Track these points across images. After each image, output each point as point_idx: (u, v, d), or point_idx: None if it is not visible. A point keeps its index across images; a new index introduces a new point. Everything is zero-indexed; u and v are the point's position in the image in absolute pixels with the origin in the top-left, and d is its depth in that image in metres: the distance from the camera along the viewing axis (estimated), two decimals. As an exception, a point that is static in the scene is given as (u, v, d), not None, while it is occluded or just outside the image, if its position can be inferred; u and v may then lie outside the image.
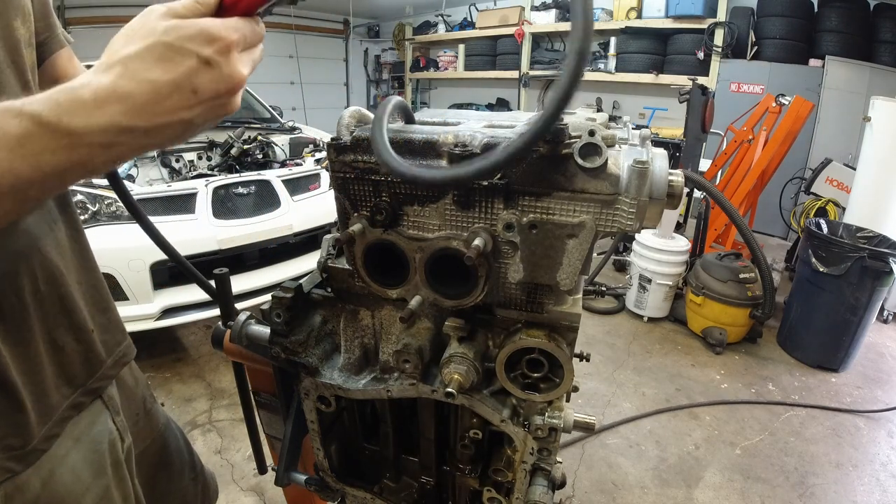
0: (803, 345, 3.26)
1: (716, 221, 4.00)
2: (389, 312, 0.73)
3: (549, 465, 0.74)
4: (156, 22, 0.45)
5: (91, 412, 0.80)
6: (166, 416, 1.07)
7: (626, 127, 0.77)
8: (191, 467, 1.10)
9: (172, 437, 1.06)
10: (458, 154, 0.56)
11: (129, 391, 0.92)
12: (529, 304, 0.65)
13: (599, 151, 0.53)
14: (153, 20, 0.46)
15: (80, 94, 0.42)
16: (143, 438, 0.94)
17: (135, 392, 0.95)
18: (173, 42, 0.44)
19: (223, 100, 0.48)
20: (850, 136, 4.80)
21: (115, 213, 2.52)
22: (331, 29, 9.72)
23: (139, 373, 1.00)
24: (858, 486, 2.27)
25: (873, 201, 3.70)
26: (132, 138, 0.45)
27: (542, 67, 7.30)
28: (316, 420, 0.83)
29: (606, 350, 3.31)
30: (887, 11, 4.84)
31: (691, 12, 5.53)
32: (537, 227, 0.59)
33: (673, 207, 0.56)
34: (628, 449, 2.45)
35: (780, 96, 3.67)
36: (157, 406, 1.04)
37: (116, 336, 0.89)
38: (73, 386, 0.76)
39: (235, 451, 2.37)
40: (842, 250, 2.91)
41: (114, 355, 0.86)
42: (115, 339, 0.89)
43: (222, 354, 0.90)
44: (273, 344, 0.74)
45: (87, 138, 0.42)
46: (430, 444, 0.83)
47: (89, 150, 0.43)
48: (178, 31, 0.45)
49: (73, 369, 0.76)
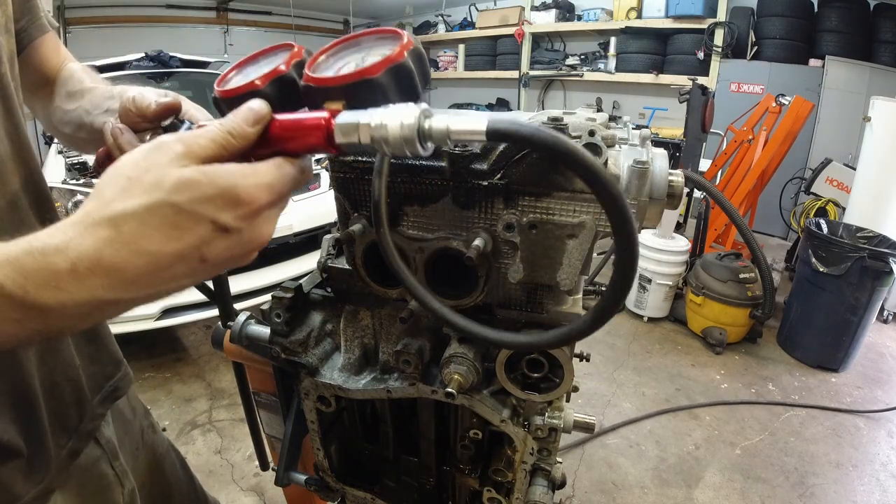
0: (803, 345, 3.26)
1: (716, 221, 4.00)
2: (389, 312, 0.73)
3: (549, 465, 0.74)
4: (166, 169, 0.35)
5: (87, 457, 0.73)
6: (167, 445, 1.01)
7: (626, 127, 0.76)
8: (193, 499, 1.06)
9: (170, 465, 1.00)
10: (458, 154, 0.56)
11: (126, 424, 0.87)
12: (529, 304, 0.65)
13: (599, 151, 0.53)
14: (164, 163, 0.35)
15: (53, 263, 0.33)
16: (141, 472, 0.89)
17: (132, 424, 0.90)
18: (185, 205, 0.34)
19: (237, 262, 0.40)
20: (850, 136, 4.80)
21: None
22: (331, 29, 9.71)
23: (137, 402, 0.94)
24: (858, 486, 2.27)
25: (873, 201, 3.70)
26: (116, 308, 0.37)
27: (542, 67, 7.30)
28: (316, 420, 0.83)
29: (606, 350, 3.31)
30: (887, 11, 4.84)
31: (691, 12, 5.53)
32: (537, 227, 0.59)
33: (673, 207, 0.56)
34: (628, 449, 2.45)
35: (780, 96, 3.67)
36: (157, 436, 0.98)
37: (106, 368, 0.81)
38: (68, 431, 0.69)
39: (235, 451, 2.36)
40: (842, 250, 2.91)
41: (103, 391, 0.79)
42: (105, 371, 0.80)
43: (222, 354, 0.90)
44: (273, 344, 0.74)
45: (59, 312, 0.34)
46: (430, 445, 0.83)
47: (60, 322, 0.35)
48: (194, 190, 0.34)
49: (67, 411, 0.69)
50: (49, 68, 0.77)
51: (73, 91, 0.74)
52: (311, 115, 0.44)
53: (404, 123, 0.40)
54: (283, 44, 0.56)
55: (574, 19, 6.91)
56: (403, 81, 0.47)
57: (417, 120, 0.40)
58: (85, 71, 0.78)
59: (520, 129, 0.37)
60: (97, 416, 0.76)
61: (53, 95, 0.76)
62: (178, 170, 0.35)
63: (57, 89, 0.77)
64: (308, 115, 0.44)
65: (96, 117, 0.68)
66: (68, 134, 0.75)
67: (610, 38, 6.51)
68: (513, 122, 0.38)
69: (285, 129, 0.43)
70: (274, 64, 0.52)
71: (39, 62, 0.75)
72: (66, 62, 0.79)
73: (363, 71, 0.45)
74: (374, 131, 0.41)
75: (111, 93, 0.70)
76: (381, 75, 0.45)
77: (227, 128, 0.38)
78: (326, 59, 0.51)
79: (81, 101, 0.72)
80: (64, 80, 0.77)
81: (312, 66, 0.50)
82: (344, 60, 0.51)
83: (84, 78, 0.76)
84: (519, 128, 0.37)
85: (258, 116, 0.40)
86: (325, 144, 0.42)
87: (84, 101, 0.72)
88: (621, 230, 0.38)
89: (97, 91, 0.73)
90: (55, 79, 0.78)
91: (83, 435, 0.73)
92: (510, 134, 0.38)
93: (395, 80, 0.46)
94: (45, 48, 0.75)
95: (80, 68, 0.79)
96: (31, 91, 0.76)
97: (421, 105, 0.41)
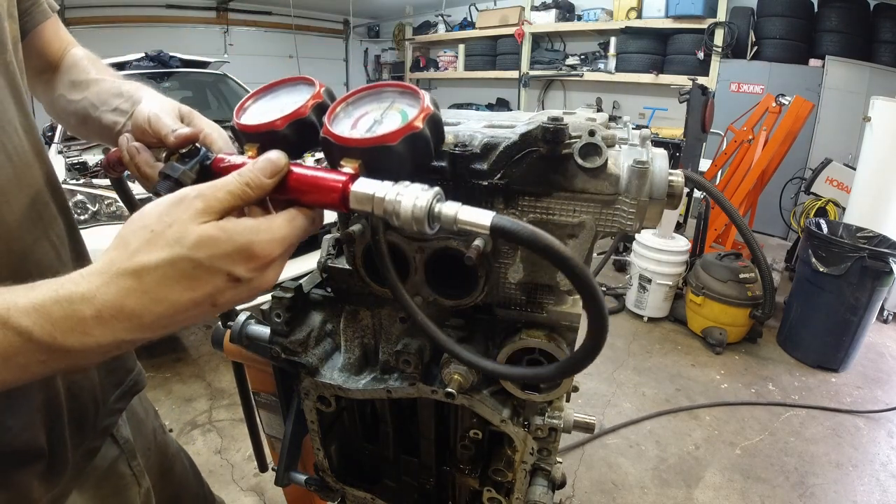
0: (803, 345, 3.26)
1: (716, 221, 4.00)
2: (389, 312, 0.73)
3: (549, 465, 0.74)
4: (188, 226, 0.37)
5: (105, 457, 0.74)
6: (176, 447, 1.02)
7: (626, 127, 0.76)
8: (202, 499, 1.07)
9: (182, 468, 1.01)
10: (458, 154, 0.56)
11: (139, 424, 0.88)
12: (529, 304, 0.65)
13: (599, 151, 0.53)
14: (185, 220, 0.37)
15: (79, 311, 0.36)
16: (153, 473, 0.89)
17: (145, 424, 0.91)
18: (204, 261, 0.37)
19: (242, 303, 0.43)
20: (850, 136, 4.80)
21: (115, 213, 2.52)
22: (331, 29, 9.72)
23: (149, 403, 0.96)
24: (858, 486, 2.27)
25: (873, 201, 3.70)
26: (133, 344, 0.40)
27: (542, 67, 7.30)
28: (316, 420, 0.82)
29: (606, 350, 3.29)
30: (887, 11, 4.84)
31: (691, 12, 5.53)
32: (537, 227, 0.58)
33: (673, 207, 0.56)
34: (628, 449, 2.45)
35: (780, 96, 3.67)
36: (167, 437, 0.99)
37: (127, 363, 0.82)
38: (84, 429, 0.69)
39: (235, 451, 2.37)
40: (842, 250, 2.91)
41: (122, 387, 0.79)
42: (126, 365, 0.82)
43: (222, 354, 0.90)
44: (273, 344, 0.74)
45: (83, 353, 0.37)
46: (431, 445, 0.83)
47: (83, 360, 0.38)
48: (213, 248, 0.37)
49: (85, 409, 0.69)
50: (52, 53, 0.76)
51: (77, 81, 0.73)
52: (329, 175, 0.45)
53: (417, 205, 0.41)
54: (301, 77, 0.59)
55: (574, 19, 6.91)
56: (419, 149, 0.49)
57: (429, 204, 0.41)
58: (89, 59, 0.77)
59: (521, 229, 0.40)
60: (115, 411, 0.78)
61: (56, 82, 0.75)
62: (198, 227, 0.37)
63: (60, 76, 0.75)
64: (326, 175, 0.45)
65: (103, 114, 0.68)
66: (73, 125, 0.76)
67: (610, 38, 6.51)
68: (514, 222, 0.41)
69: (303, 184, 0.45)
70: (293, 101, 0.54)
71: (42, 47, 0.74)
72: (68, 47, 0.78)
73: (382, 137, 0.47)
74: (388, 205, 0.42)
75: (119, 89, 0.70)
76: (398, 143, 0.47)
77: (245, 179, 0.41)
78: (346, 108, 0.54)
79: (86, 92, 0.71)
80: (67, 67, 0.76)
81: (332, 116, 0.52)
82: (362, 110, 0.53)
83: (89, 67, 0.75)
84: (521, 228, 0.40)
85: (276, 168, 0.43)
86: (339, 205, 0.44)
87: (89, 93, 0.71)
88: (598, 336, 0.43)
89: (103, 84, 0.72)
90: (58, 64, 0.76)
91: (99, 432, 0.73)
92: (511, 232, 0.40)
93: (412, 148, 0.48)
94: (48, 32, 0.74)
95: (84, 55, 0.77)
96: (33, 76, 0.75)
97: (434, 188, 0.43)
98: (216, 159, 0.52)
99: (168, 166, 0.50)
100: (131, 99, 0.66)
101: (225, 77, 4.60)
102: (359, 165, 0.47)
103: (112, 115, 0.67)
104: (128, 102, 0.66)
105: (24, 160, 0.61)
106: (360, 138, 0.48)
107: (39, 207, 0.63)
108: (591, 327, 0.43)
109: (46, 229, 0.64)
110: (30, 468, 0.60)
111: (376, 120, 0.52)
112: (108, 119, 0.67)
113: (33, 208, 0.61)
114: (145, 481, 0.81)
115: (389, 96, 0.54)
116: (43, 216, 0.64)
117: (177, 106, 0.64)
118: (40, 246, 0.62)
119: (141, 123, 0.59)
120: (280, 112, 0.53)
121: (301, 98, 0.54)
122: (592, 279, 0.41)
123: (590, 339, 0.44)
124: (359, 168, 0.47)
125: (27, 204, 0.60)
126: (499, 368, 0.55)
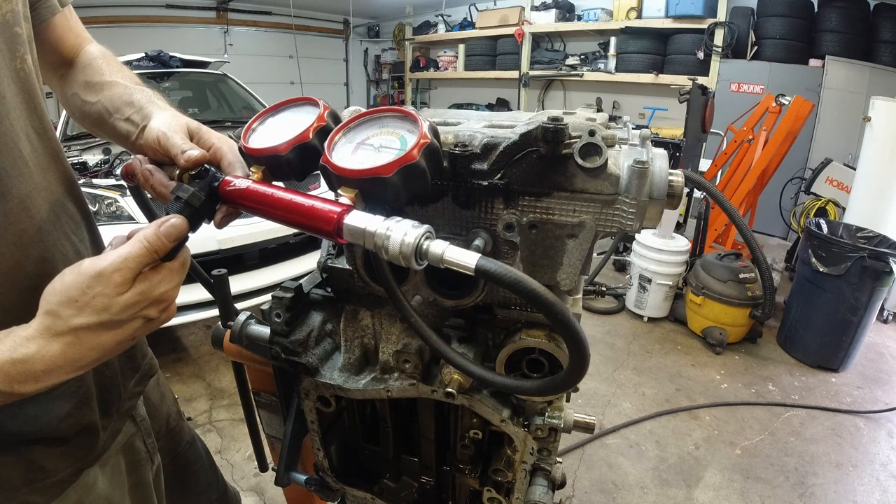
0: (803, 345, 3.26)
1: (716, 221, 4.00)
2: (389, 312, 0.73)
3: (549, 465, 0.74)
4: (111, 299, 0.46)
5: (124, 434, 0.79)
6: (192, 434, 1.05)
7: (626, 127, 0.76)
8: (215, 488, 1.09)
9: (196, 455, 1.04)
10: (458, 154, 0.56)
11: (152, 408, 0.91)
12: (529, 304, 0.65)
13: (599, 151, 0.53)
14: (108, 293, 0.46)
15: (32, 368, 0.46)
16: (163, 456, 0.92)
17: (159, 409, 0.94)
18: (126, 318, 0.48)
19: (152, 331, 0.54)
20: (850, 136, 4.80)
21: (114, 213, 2.52)
22: (331, 29, 9.71)
23: (167, 388, 0.99)
24: (858, 486, 2.27)
25: (873, 201, 3.70)
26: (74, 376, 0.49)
27: (542, 67, 7.29)
28: (316, 420, 0.83)
29: (606, 350, 3.31)
30: (887, 11, 4.84)
31: (691, 12, 5.53)
32: (537, 227, 0.59)
33: (673, 207, 0.56)
34: (628, 449, 2.45)
35: (780, 96, 3.67)
36: (182, 423, 1.02)
37: (143, 348, 0.88)
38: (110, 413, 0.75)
39: (235, 451, 2.36)
40: (842, 250, 2.91)
41: (140, 371, 0.85)
42: (142, 350, 0.87)
43: (222, 354, 0.90)
44: (273, 344, 0.74)
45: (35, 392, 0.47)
46: (431, 444, 0.83)
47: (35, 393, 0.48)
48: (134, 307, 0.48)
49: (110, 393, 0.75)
50: (66, 49, 0.76)
51: (92, 82, 0.74)
52: (325, 206, 0.48)
53: (405, 241, 0.44)
54: (307, 98, 0.61)
55: (574, 19, 6.91)
56: (415, 179, 0.50)
57: (417, 241, 0.44)
58: (104, 57, 0.77)
59: (505, 273, 0.42)
60: (134, 394, 0.83)
61: (71, 80, 0.76)
62: (120, 297, 0.47)
63: (75, 74, 0.76)
64: (323, 206, 0.48)
65: (117, 121, 0.69)
66: (89, 125, 0.77)
67: (610, 38, 6.50)
68: (499, 265, 0.43)
69: (300, 208, 0.49)
70: (298, 125, 0.56)
71: (55, 42, 0.74)
72: (83, 44, 0.78)
73: (378, 169, 0.48)
74: (378, 240, 0.45)
75: (130, 98, 0.70)
76: (393, 175, 0.48)
77: (153, 248, 0.49)
78: (346, 134, 0.55)
79: (100, 95, 0.72)
80: (83, 66, 0.76)
81: (331, 144, 0.54)
82: (363, 136, 0.55)
83: (103, 68, 0.75)
84: (505, 272, 0.42)
85: (178, 234, 0.50)
86: (332, 234, 0.47)
87: (103, 97, 0.72)
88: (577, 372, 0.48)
89: (116, 90, 0.72)
90: (73, 61, 0.77)
91: (123, 414, 0.78)
92: (495, 275, 0.42)
93: (407, 179, 0.49)
94: (60, 28, 0.74)
95: (98, 54, 0.77)
96: (48, 69, 0.75)
97: (424, 227, 0.45)
98: (223, 182, 0.56)
99: (178, 187, 0.54)
100: (142, 111, 0.68)
101: (225, 77, 4.60)
102: (356, 195, 0.49)
103: (125, 125, 0.68)
104: (139, 115, 0.68)
105: (40, 165, 0.62)
106: (357, 169, 0.49)
107: (58, 210, 0.65)
108: (571, 363, 0.47)
109: (65, 229, 0.67)
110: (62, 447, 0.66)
111: (375, 147, 0.53)
112: (122, 128, 0.69)
113: (52, 212, 0.64)
114: (157, 458, 0.86)
115: (390, 121, 0.55)
116: (61, 218, 0.66)
117: (185, 122, 0.65)
118: (61, 246, 0.65)
119: (151, 144, 0.63)
120: (284, 136, 0.55)
121: (306, 120, 0.56)
122: (576, 323, 0.44)
123: (570, 373, 0.47)
124: (355, 197, 0.49)
125: (46, 209, 0.62)
126: (485, 375, 0.56)
